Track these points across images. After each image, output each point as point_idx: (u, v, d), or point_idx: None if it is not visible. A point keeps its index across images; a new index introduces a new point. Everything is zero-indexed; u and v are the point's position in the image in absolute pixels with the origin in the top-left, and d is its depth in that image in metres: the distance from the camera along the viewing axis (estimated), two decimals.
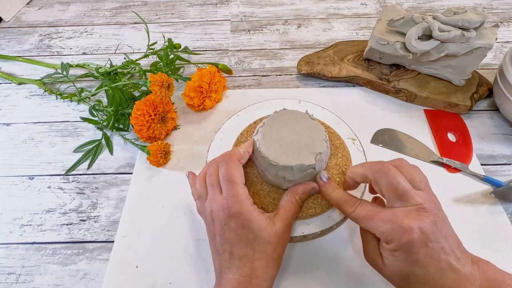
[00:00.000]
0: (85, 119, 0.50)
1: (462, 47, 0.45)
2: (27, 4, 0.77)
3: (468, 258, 0.24)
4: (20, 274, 0.37)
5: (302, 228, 0.33)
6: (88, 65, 0.57)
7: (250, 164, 0.36)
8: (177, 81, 0.54)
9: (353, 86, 0.55)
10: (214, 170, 0.31)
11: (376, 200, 0.31)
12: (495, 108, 0.51)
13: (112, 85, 0.47)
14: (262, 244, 0.28)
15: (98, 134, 0.50)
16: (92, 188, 0.44)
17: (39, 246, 0.39)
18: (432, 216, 0.24)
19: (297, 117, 0.34)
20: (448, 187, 0.42)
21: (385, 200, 0.27)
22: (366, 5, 0.73)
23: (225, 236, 0.28)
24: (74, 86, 0.51)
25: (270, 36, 0.66)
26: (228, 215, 0.28)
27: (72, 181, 0.45)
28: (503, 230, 0.38)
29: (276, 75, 0.58)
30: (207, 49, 0.64)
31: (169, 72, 0.52)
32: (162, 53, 0.52)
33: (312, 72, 0.55)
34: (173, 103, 0.50)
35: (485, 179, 0.42)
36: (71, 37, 0.68)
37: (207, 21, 0.71)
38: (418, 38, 0.46)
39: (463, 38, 0.44)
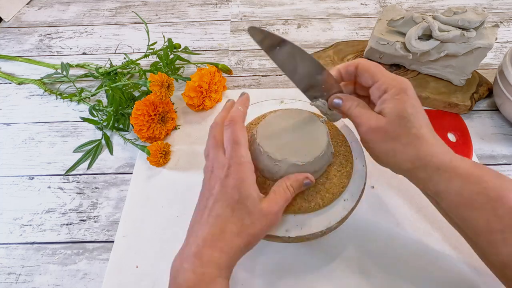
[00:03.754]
0: (85, 119, 0.50)
1: (462, 47, 0.45)
2: (27, 4, 0.77)
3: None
4: (20, 274, 0.37)
5: (306, 229, 0.33)
6: (88, 65, 0.57)
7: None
8: (177, 81, 0.54)
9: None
10: (218, 132, 0.31)
11: None
12: (495, 108, 0.51)
13: (112, 85, 0.47)
14: (244, 210, 0.27)
15: (98, 134, 0.50)
16: (92, 188, 0.44)
17: (39, 246, 0.39)
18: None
19: (302, 116, 0.34)
20: None
21: None
22: (366, 5, 0.73)
23: (214, 190, 0.28)
24: (74, 86, 0.51)
25: None
26: (225, 173, 0.28)
27: (72, 181, 0.45)
28: None
29: (276, 75, 0.58)
30: (207, 49, 0.64)
31: (169, 72, 0.52)
32: (162, 53, 0.52)
33: None
34: (173, 103, 0.50)
35: None
36: (71, 37, 0.68)
37: (207, 21, 0.71)
38: (418, 38, 0.46)
39: (463, 38, 0.44)
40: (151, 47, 0.54)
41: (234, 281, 0.35)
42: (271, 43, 0.30)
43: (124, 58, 0.56)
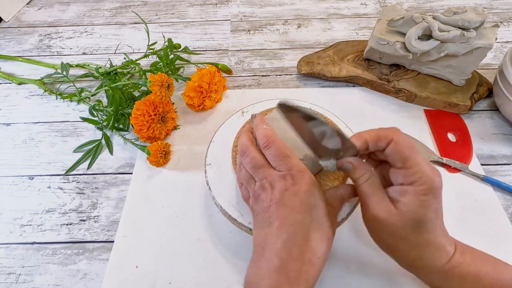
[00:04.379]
0: (85, 119, 0.50)
1: (462, 47, 0.45)
2: (27, 4, 0.77)
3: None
4: (20, 274, 0.37)
5: None
6: (88, 65, 0.57)
7: None
8: (177, 81, 0.54)
9: (353, 86, 0.55)
10: (256, 152, 0.29)
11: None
12: (495, 108, 0.51)
13: (112, 85, 0.47)
14: (321, 213, 0.25)
15: (98, 134, 0.50)
16: (92, 188, 0.44)
17: (39, 246, 0.39)
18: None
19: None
20: (448, 187, 0.41)
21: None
22: (366, 5, 0.73)
23: (284, 200, 0.25)
24: (74, 86, 0.51)
25: (270, 36, 0.66)
26: (292, 181, 0.26)
27: (72, 181, 0.45)
28: (503, 230, 0.38)
29: (276, 75, 0.58)
30: (207, 49, 0.64)
31: (169, 72, 0.52)
32: (162, 53, 0.52)
33: (312, 72, 0.55)
34: (173, 103, 0.50)
35: (485, 179, 0.42)
36: (71, 37, 0.68)
37: (207, 21, 0.71)
38: (418, 38, 0.46)
39: (463, 38, 0.44)
40: (151, 47, 0.54)
41: (235, 281, 0.35)
42: (299, 120, 0.27)
43: (124, 58, 0.56)
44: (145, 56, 0.54)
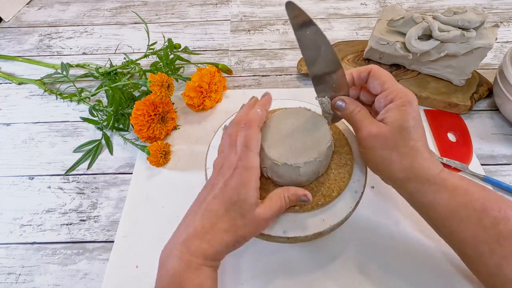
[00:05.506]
0: (85, 119, 0.50)
1: (462, 47, 0.45)
2: (27, 4, 0.77)
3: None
4: (20, 274, 0.37)
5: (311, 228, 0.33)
6: (88, 65, 0.57)
7: None
8: (177, 81, 0.54)
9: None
10: (234, 132, 0.32)
11: None
12: (495, 108, 0.51)
13: (112, 85, 0.47)
14: (238, 212, 0.28)
15: (98, 134, 0.50)
16: (92, 188, 0.44)
17: (39, 246, 0.39)
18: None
19: (305, 117, 0.34)
20: None
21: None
22: (366, 5, 0.73)
23: (215, 186, 0.29)
24: (74, 86, 0.51)
25: (270, 36, 0.66)
26: (231, 174, 0.29)
27: (72, 181, 0.45)
28: None
29: (276, 75, 0.58)
30: (207, 49, 0.64)
31: (169, 72, 0.52)
32: (162, 53, 0.52)
33: None
34: (173, 103, 0.50)
35: (485, 179, 0.42)
36: (71, 37, 0.68)
37: (207, 21, 0.71)
38: (418, 38, 0.46)
39: (463, 38, 0.44)
40: (151, 47, 0.54)
41: (235, 281, 0.35)
42: (303, 23, 0.30)
43: (124, 58, 0.56)
44: (145, 56, 0.54)
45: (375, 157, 0.30)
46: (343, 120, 0.38)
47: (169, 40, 0.54)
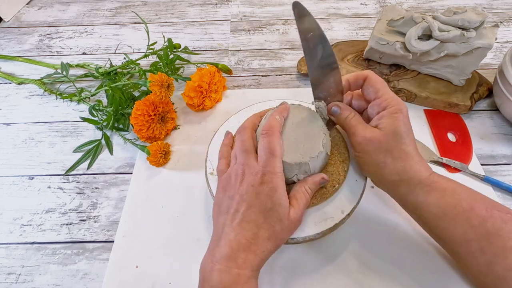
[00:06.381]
0: (85, 119, 0.50)
1: (462, 47, 0.45)
2: (27, 4, 0.77)
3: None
4: (20, 274, 0.37)
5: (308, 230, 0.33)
6: (88, 65, 0.57)
7: None
8: (177, 81, 0.54)
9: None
10: (248, 137, 0.32)
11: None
12: (495, 108, 0.51)
13: (112, 85, 0.47)
14: (275, 217, 0.29)
15: (98, 134, 0.50)
16: (92, 188, 0.44)
17: (39, 246, 0.39)
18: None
19: (302, 115, 0.34)
20: None
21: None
22: (366, 5, 0.73)
23: (246, 196, 0.29)
24: (74, 86, 0.51)
25: (270, 36, 0.66)
26: (260, 180, 0.29)
27: (72, 181, 0.45)
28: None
29: (276, 75, 0.58)
30: (207, 49, 0.64)
31: (169, 72, 0.52)
32: (162, 53, 0.52)
33: None
34: (173, 103, 0.50)
35: (485, 179, 0.42)
36: (71, 37, 0.68)
37: (207, 21, 0.71)
38: (418, 38, 0.46)
39: (463, 38, 0.44)
40: (151, 47, 0.54)
41: None
42: (308, 26, 0.31)
43: (124, 58, 0.56)
44: (145, 56, 0.54)
45: (369, 161, 0.31)
46: None
47: (169, 40, 0.54)
